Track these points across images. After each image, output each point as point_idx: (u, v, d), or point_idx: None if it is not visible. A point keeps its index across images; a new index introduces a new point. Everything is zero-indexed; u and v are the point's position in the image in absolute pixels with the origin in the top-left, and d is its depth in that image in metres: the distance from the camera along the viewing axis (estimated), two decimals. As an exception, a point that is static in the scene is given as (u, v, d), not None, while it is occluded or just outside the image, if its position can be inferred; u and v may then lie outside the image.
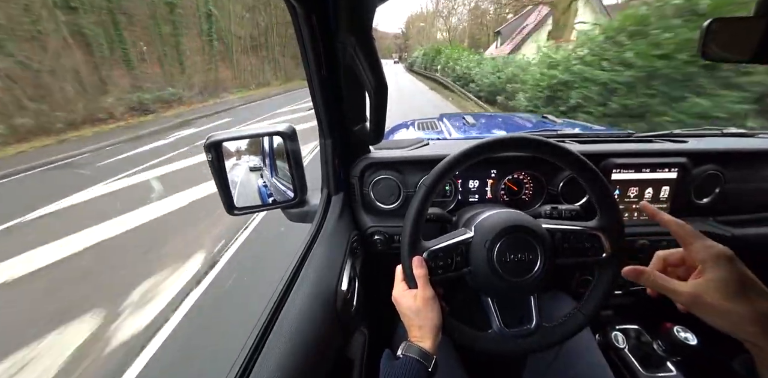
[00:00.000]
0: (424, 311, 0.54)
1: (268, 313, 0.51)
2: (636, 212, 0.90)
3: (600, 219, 0.59)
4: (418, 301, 0.55)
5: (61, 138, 7.13)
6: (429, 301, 0.55)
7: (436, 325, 0.54)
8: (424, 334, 0.53)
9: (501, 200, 0.92)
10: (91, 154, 6.07)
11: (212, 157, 0.68)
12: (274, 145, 0.79)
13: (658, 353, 0.83)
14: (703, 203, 0.91)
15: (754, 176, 0.92)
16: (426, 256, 0.57)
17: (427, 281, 0.56)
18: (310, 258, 0.64)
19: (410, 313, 0.55)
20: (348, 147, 0.85)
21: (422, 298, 0.55)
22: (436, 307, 0.55)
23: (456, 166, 0.58)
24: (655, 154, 0.89)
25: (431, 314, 0.54)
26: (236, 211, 0.75)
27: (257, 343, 0.46)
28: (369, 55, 0.62)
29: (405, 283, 0.58)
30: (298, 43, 0.65)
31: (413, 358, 0.50)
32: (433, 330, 0.54)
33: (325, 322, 0.56)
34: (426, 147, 0.98)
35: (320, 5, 0.60)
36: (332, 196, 0.84)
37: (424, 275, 0.56)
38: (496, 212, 0.64)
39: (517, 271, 0.56)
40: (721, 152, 0.91)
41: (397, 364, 0.50)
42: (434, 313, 0.55)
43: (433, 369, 0.51)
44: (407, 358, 0.50)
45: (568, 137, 1.03)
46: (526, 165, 0.89)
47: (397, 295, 0.58)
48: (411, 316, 0.55)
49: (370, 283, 0.84)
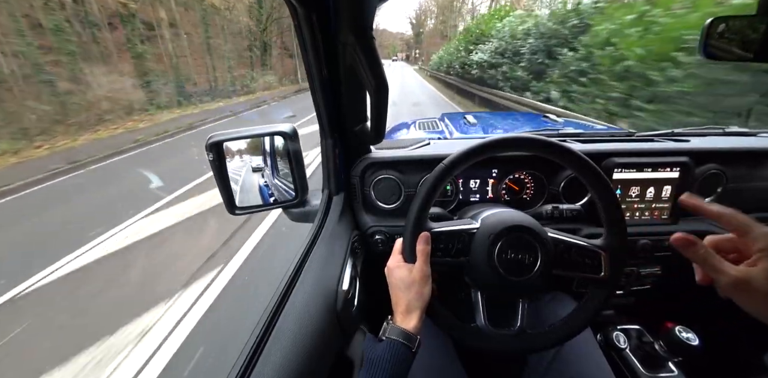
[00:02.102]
0: (418, 285, 0.54)
1: (268, 313, 0.51)
2: (637, 212, 0.90)
3: (605, 239, 0.59)
4: (414, 274, 0.55)
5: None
6: (425, 278, 0.55)
7: (424, 303, 0.54)
8: (410, 311, 0.53)
9: (502, 200, 0.91)
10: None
11: (213, 156, 0.69)
12: (276, 145, 0.79)
13: (659, 353, 0.83)
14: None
15: (756, 175, 0.92)
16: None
17: (427, 258, 0.56)
18: (310, 258, 0.64)
19: (402, 285, 0.55)
20: (349, 147, 0.85)
21: (419, 273, 0.55)
22: (428, 285, 0.55)
23: (459, 165, 0.58)
24: (657, 153, 0.89)
25: (423, 290, 0.54)
26: (237, 211, 0.75)
27: (258, 343, 0.46)
28: (369, 54, 0.62)
29: (403, 256, 0.58)
30: (298, 43, 0.66)
31: (396, 340, 0.50)
32: (420, 307, 0.54)
33: (326, 322, 0.56)
34: (427, 147, 0.98)
35: (321, 5, 0.60)
36: (333, 196, 0.84)
37: (427, 252, 0.56)
38: (503, 210, 0.64)
39: (514, 270, 0.56)
40: (723, 151, 0.90)
41: (381, 348, 0.50)
42: (426, 290, 0.55)
43: (417, 349, 0.51)
44: (390, 341, 0.50)
45: (569, 136, 1.02)
46: (527, 165, 0.89)
47: (392, 266, 0.57)
48: (402, 288, 0.54)
49: (371, 283, 0.84)
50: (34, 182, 4.55)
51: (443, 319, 0.58)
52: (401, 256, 0.58)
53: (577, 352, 0.71)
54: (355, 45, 0.61)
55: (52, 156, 5.78)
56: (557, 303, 0.83)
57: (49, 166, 4.97)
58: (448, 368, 0.71)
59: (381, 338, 0.51)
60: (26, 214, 3.66)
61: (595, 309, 0.59)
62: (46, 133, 6.66)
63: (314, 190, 0.85)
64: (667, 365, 0.83)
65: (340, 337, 0.62)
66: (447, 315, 0.58)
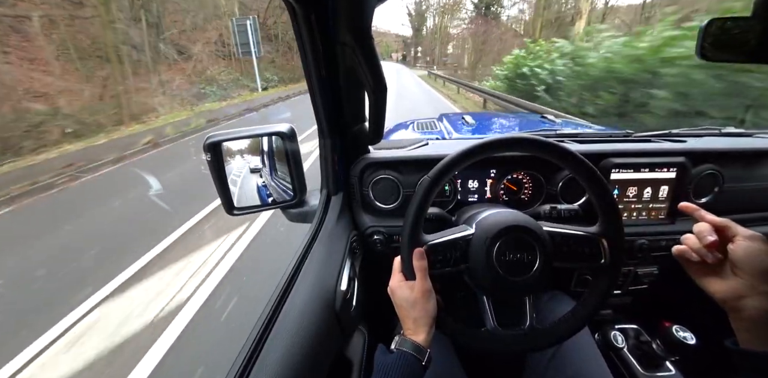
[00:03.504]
0: (421, 303, 0.54)
1: (267, 313, 0.51)
2: (635, 212, 0.91)
3: (601, 225, 0.59)
4: (416, 292, 0.55)
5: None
6: (426, 294, 0.55)
7: (431, 318, 0.54)
8: (418, 327, 0.53)
9: (500, 200, 0.92)
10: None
11: (211, 157, 0.68)
12: (273, 145, 0.79)
13: (657, 353, 0.84)
14: (701, 203, 0.91)
15: (752, 176, 0.92)
16: (426, 249, 0.57)
17: (426, 273, 0.56)
18: (309, 258, 0.64)
19: (406, 304, 0.55)
20: (347, 147, 0.85)
21: (420, 290, 0.55)
22: (432, 300, 0.55)
23: (457, 165, 0.58)
24: (654, 153, 0.89)
25: (427, 306, 0.55)
26: (236, 211, 0.75)
27: (256, 343, 0.46)
28: (368, 55, 0.62)
29: (403, 274, 0.58)
30: (297, 43, 0.66)
31: (407, 352, 0.50)
32: (428, 323, 0.54)
33: (325, 322, 0.56)
34: (425, 147, 0.98)
35: (319, 5, 0.60)
36: (332, 196, 0.84)
37: (424, 267, 0.56)
38: (497, 211, 0.64)
39: (515, 271, 0.56)
40: (720, 152, 0.91)
41: (392, 359, 0.50)
42: (430, 306, 0.55)
43: (427, 362, 0.51)
44: (401, 352, 0.51)
45: (567, 137, 1.03)
46: (525, 165, 0.89)
47: (394, 286, 0.58)
48: (407, 307, 0.55)
49: (369, 283, 0.84)
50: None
51: (453, 330, 0.58)
52: (401, 274, 0.58)
53: (575, 352, 0.71)
54: (354, 45, 0.61)
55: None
56: (556, 302, 0.83)
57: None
58: (447, 368, 0.71)
59: (392, 350, 0.52)
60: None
61: (601, 297, 0.59)
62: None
63: (313, 190, 0.85)
64: (665, 364, 0.84)
65: (339, 337, 0.62)
66: (455, 324, 0.58)
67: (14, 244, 2.90)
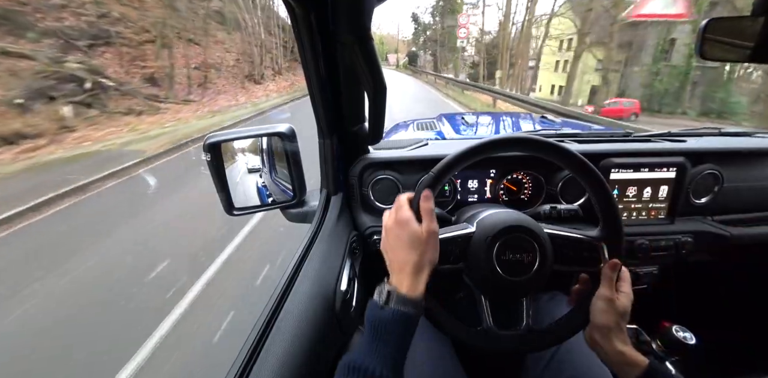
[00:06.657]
0: (426, 244, 0.50)
1: (267, 314, 0.51)
2: (635, 212, 0.91)
3: (602, 229, 0.59)
4: (423, 231, 0.50)
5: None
6: (434, 235, 0.51)
7: (432, 264, 0.51)
8: (418, 272, 0.49)
9: (500, 200, 0.92)
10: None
11: (211, 157, 0.68)
12: (273, 145, 0.79)
13: (656, 353, 0.83)
14: (701, 203, 0.92)
15: (752, 175, 0.92)
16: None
17: (434, 215, 0.52)
18: (309, 258, 0.64)
19: (405, 244, 0.49)
20: (347, 147, 0.84)
21: (427, 230, 0.50)
22: (437, 248, 0.52)
23: (456, 165, 0.58)
24: (654, 153, 0.89)
25: (431, 250, 0.51)
26: (235, 212, 0.75)
27: (256, 344, 0.46)
28: (368, 55, 0.62)
29: (409, 205, 0.54)
30: (296, 43, 0.65)
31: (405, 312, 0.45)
32: (428, 270, 0.50)
33: (325, 323, 0.56)
34: (425, 147, 0.98)
35: (319, 5, 0.60)
36: (331, 197, 0.84)
37: (432, 210, 0.52)
38: (498, 211, 0.64)
39: (514, 271, 0.56)
40: (720, 152, 0.91)
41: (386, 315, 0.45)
42: (435, 250, 0.51)
43: (420, 312, 0.48)
44: (398, 311, 0.45)
45: (567, 137, 1.03)
46: (525, 165, 0.89)
47: (390, 224, 0.53)
48: (405, 248, 0.49)
49: (369, 283, 0.84)
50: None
51: (448, 325, 0.57)
52: (402, 211, 0.52)
53: (574, 352, 0.71)
54: (354, 45, 0.61)
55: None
56: (556, 303, 0.83)
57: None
58: (447, 368, 0.71)
59: (384, 306, 0.46)
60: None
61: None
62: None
63: (312, 191, 0.85)
64: (665, 364, 0.84)
65: (339, 337, 0.62)
66: (451, 320, 0.58)
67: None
